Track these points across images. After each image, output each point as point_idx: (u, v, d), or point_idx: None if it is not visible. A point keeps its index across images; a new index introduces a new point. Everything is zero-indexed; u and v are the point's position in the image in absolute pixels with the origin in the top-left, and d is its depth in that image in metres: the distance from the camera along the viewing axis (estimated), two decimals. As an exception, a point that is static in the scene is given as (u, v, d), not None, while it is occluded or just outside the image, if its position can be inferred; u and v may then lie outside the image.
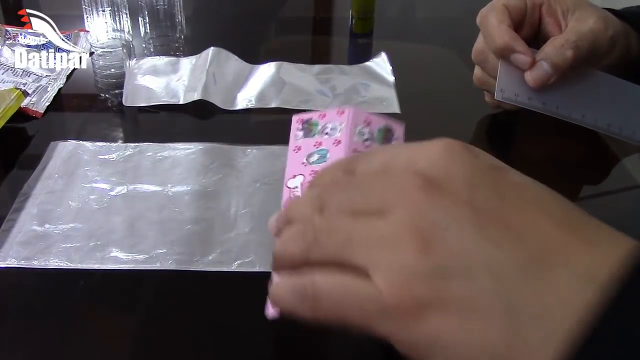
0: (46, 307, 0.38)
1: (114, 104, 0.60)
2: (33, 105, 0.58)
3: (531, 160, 0.55)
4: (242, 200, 0.46)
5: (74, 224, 0.44)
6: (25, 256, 0.41)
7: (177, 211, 0.45)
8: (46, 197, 0.46)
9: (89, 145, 0.52)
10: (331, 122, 0.41)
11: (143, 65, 0.65)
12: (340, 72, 0.66)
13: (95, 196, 0.46)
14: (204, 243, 0.42)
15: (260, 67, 0.65)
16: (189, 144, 0.52)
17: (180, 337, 0.36)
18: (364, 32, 0.76)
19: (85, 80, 0.64)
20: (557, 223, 0.24)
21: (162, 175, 0.49)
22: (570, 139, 0.57)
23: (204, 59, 0.64)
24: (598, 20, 0.48)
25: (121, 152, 0.51)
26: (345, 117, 0.41)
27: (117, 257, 0.41)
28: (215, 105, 0.58)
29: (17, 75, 0.63)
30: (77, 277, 0.40)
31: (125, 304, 0.39)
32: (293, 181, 0.39)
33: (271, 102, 0.60)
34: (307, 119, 0.42)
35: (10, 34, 0.68)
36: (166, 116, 0.59)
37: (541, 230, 0.24)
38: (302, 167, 0.40)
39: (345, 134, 0.39)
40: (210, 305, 0.38)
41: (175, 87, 0.62)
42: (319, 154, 0.40)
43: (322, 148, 0.40)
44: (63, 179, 0.48)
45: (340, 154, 0.39)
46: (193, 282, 0.40)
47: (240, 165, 0.50)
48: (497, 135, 0.59)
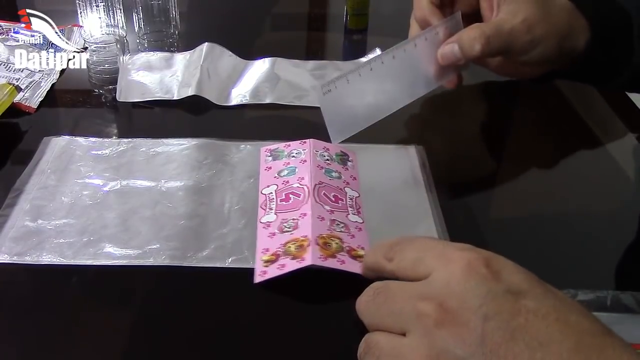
0: (39, 303, 0.38)
1: (107, 99, 0.60)
2: (26, 100, 0.58)
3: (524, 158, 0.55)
4: (235, 196, 0.46)
5: (67, 220, 0.43)
6: (18, 252, 0.41)
7: (171, 207, 0.45)
8: (39, 192, 0.46)
9: (82, 140, 0.52)
10: (295, 149, 0.50)
11: (137, 60, 0.65)
12: (335, 68, 0.66)
13: (88, 192, 0.46)
14: (197, 238, 0.42)
15: (254, 62, 0.65)
16: (183, 139, 0.52)
17: (174, 333, 0.36)
18: (359, 28, 0.76)
19: (78, 75, 0.64)
20: (568, 356, 0.25)
21: (156, 170, 0.49)
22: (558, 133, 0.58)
23: (198, 54, 0.64)
24: (526, 19, 0.48)
25: (114, 148, 0.51)
26: (307, 145, 0.49)
27: (110, 252, 0.41)
28: (209, 101, 0.58)
29: (10, 70, 0.62)
30: (70, 273, 0.40)
31: (118, 301, 0.39)
32: (267, 189, 0.46)
33: (265, 98, 0.60)
34: (274, 148, 0.51)
35: (3, 29, 0.67)
36: (160, 112, 0.58)
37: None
38: (274, 179, 0.47)
39: (309, 156, 0.48)
40: (204, 301, 0.38)
41: (169, 82, 0.61)
42: (288, 169, 0.48)
43: (290, 166, 0.48)
44: (56, 174, 0.48)
45: (307, 169, 0.46)
46: (187, 278, 0.40)
47: (234, 160, 0.50)
48: (491, 129, 0.60)
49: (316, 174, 0.46)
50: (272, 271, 0.38)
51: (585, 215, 0.49)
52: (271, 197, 0.45)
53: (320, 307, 0.38)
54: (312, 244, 0.39)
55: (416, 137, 0.54)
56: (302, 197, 0.44)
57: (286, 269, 0.38)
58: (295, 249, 0.39)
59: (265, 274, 0.39)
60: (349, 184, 0.47)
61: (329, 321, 0.37)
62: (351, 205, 0.45)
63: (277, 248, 0.40)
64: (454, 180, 0.51)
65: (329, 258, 0.38)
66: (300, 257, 0.39)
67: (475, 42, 0.47)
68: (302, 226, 0.41)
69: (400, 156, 0.51)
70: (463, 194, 0.50)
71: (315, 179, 0.46)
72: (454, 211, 0.46)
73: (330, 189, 0.45)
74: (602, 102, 0.63)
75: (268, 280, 0.38)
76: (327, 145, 0.50)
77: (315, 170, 0.47)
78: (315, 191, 0.44)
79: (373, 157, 0.51)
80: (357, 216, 0.44)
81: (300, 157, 0.48)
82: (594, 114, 0.62)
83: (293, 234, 0.41)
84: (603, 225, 0.48)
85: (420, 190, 0.48)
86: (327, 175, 0.47)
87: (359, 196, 0.46)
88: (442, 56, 0.49)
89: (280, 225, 0.42)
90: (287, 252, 0.39)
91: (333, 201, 0.44)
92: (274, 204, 0.45)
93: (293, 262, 0.39)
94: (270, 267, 0.39)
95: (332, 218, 0.42)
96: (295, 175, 0.46)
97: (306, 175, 0.46)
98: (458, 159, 0.54)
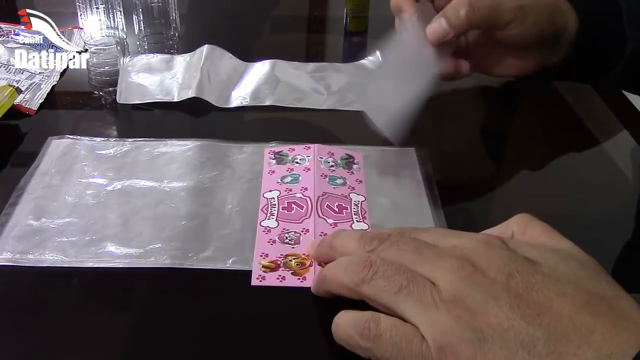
0: (40, 301, 0.38)
1: (107, 101, 0.60)
2: (26, 102, 0.58)
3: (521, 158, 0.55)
4: (237, 197, 0.46)
5: (70, 219, 0.44)
6: (21, 250, 0.41)
7: (173, 207, 0.45)
8: (42, 191, 0.46)
9: (86, 140, 0.52)
10: (299, 154, 0.50)
11: (137, 62, 0.65)
12: (335, 70, 0.66)
13: (91, 191, 0.46)
14: (199, 239, 0.42)
15: (254, 64, 0.65)
16: (186, 140, 0.52)
17: (175, 333, 0.36)
18: (359, 31, 0.76)
19: (79, 77, 0.64)
20: (579, 309, 0.27)
21: (158, 171, 0.49)
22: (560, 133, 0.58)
23: (198, 56, 0.64)
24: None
25: (118, 148, 0.51)
26: (312, 151, 0.50)
27: (112, 251, 0.41)
28: (209, 103, 0.58)
29: (11, 72, 0.62)
30: (71, 272, 0.40)
31: (119, 301, 0.39)
32: (269, 194, 0.46)
33: (265, 100, 0.60)
34: (278, 151, 0.50)
35: (4, 31, 0.68)
36: (160, 114, 0.58)
37: (564, 314, 0.27)
38: (277, 185, 0.47)
39: (312, 163, 0.48)
40: (204, 301, 0.38)
41: (169, 84, 0.62)
42: (292, 176, 0.47)
43: (294, 172, 0.48)
44: (60, 174, 0.48)
45: (311, 179, 0.47)
46: (187, 279, 0.40)
47: (236, 162, 0.50)
48: (491, 131, 0.60)
49: (320, 184, 0.47)
50: (271, 280, 0.39)
51: (584, 216, 0.49)
52: (273, 202, 0.45)
53: (322, 308, 0.38)
54: (314, 265, 0.40)
55: (417, 139, 0.54)
56: (304, 209, 0.44)
57: (286, 282, 0.39)
58: (296, 265, 0.40)
59: (264, 279, 0.39)
60: (355, 189, 0.47)
61: (331, 322, 0.37)
62: (356, 212, 0.45)
63: (277, 257, 0.41)
64: (454, 182, 0.51)
65: None
66: (302, 275, 0.39)
67: (459, 7, 0.47)
68: (304, 242, 0.42)
69: (401, 158, 0.52)
70: (464, 196, 0.50)
71: (319, 189, 0.46)
72: (455, 213, 0.46)
73: (334, 198, 0.46)
74: (601, 103, 0.63)
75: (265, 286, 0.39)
76: (332, 149, 0.50)
77: (319, 181, 0.47)
78: (318, 204, 0.45)
79: (374, 160, 0.51)
80: (361, 223, 0.44)
81: (304, 165, 0.49)
82: (593, 115, 0.62)
83: (295, 248, 0.41)
84: (602, 226, 0.48)
85: (420, 192, 0.48)
86: (332, 184, 0.47)
87: (365, 200, 0.46)
88: (431, 33, 0.48)
89: (281, 235, 0.42)
90: (287, 266, 0.40)
91: (337, 212, 0.44)
92: (276, 209, 0.45)
93: (293, 278, 0.39)
94: (269, 274, 0.39)
95: None
96: (299, 185, 0.47)
97: (309, 186, 0.46)
98: (458, 160, 0.54)
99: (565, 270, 0.30)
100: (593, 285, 0.29)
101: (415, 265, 0.31)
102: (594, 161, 0.56)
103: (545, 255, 0.31)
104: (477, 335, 0.28)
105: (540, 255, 0.31)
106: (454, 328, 0.28)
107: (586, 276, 0.29)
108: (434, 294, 0.30)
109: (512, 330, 0.27)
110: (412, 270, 0.31)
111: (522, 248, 0.32)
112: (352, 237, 0.36)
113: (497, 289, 0.28)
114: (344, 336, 0.32)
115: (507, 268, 0.29)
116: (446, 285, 0.30)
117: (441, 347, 0.28)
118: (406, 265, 0.32)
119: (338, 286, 0.34)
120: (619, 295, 0.28)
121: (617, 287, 0.29)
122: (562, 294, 0.28)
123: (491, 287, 0.29)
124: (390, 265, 0.32)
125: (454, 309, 0.29)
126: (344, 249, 0.36)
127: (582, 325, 0.27)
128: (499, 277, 0.29)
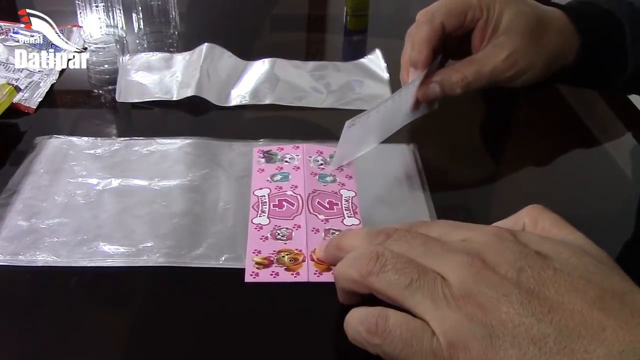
0: (33, 302, 0.38)
1: (107, 100, 0.60)
2: (25, 101, 0.58)
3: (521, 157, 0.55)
4: (228, 194, 0.46)
5: (60, 219, 0.43)
6: (12, 251, 0.41)
7: (165, 205, 0.45)
8: (32, 192, 0.46)
9: (75, 140, 0.52)
10: (288, 153, 0.50)
11: (136, 61, 0.65)
12: (335, 69, 0.66)
13: (81, 191, 0.46)
14: (191, 236, 0.42)
15: (254, 63, 0.65)
16: (175, 138, 0.52)
17: (169, 331, 0.36)
18: (359, 29, 0.76)
19: (78, 76, 0.64)
20: (590, 305, 0.27)
21: (150, 169, 0.49)
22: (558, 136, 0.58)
23: (198, 55, 0.64)
24: (511, 55, 0.48)
25: (107, 147, 0.51)
26: (300, 150, 0.50)
27: (105, 251, 0.41)
28: (209, 102, 0.58)
29: (10, 71, 0.62)
30: (63, 272, 0.39)
31: (112, 300, 0.38)
32: (260, 191, 0.46)
33: (265, 99, 0.60)
34: (267, 150, 0.51)
35: (3, 29, 0.67)
36: (160, 112, 0.58)
37: (576, 311, 0.27)
38: (267, 183, 0.47)
39: (302, 162, 0.49)
40: (197, 299, 0.38)
41: (168, 83, 0.61)
42: (282, 175, 0.48)
43: (283, 171, 0.48)
44: (49, 174, 0.48)
45: (301, 177, 0.47)
46: (180, 276, 0.39)
47: (227, 159, 0.50)
48: (488, 129, 0.60)
49: (310, 182, 0.47)
50: (265, 276, 0.39)
51: (584, 216, 0.49)
52: (264, 200, 0.45)
53: (317, 305, 0.38)
54: (307, 259, 0.40)
55: (411, 136, 0.54)
56: (295, 206, 0.45)
57: (279, 278, 0.39)
58: (289, 261, 0.40)
59: (258, 276, 0.39)
60: (345, 185, 0.47)
61: (326, 320, 0.37)
62: (347, 207, 0.45)
63: (270, 254, 0.41)
64: (448, 179, 0.51)
65: (324, 272, 0.39)
66: (295, 271, 0.39)
67: (456, 86, 0.49)
68: (296, 238, 0.42)
69: (395, 154, 0.52)
70: (458, 194, 0.50)
71: (309, 187, 0.46)
72: (448, 211, 0.46)
73: (325, 195, 0.46)
74: (602, 102, 0.63)
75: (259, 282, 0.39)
76: (321, 147, 0.51)
77: (309, 179, 0.47)
78: (309, 201, 0.45)
79: (367, 156, 0.51)
80: (353, 218, 0.44)
81: (294, 164, 0.49)
82: (593, 114, 0.62)
83: (287, 244, 0.41)
84: (602, 226, 0.48)
85: (414, 188, 0.48)
86: (322, 182, 0.47)
87: (356, 195, 0.46)
88: (423, 95, 0.50)
89: (273, 232, 0.42)
90: (280, 262, 0.40)
91: (328, 208, 0.45)
92: (267, 207, 0.45)
93: (287, 273, 0.39)
94: (262, 270, 0.39)
95: (326, 228, 0.43)
96: (289, 183, 0.47)
97: (300, 184, 0.47)
98: (453, 158, 0.54)
99: (577, 264, 0.29)
100: (605, 280, 0.28)
101: (424, 260, 0.31)
102: (594, 161, 0.56)
103: (557, 249, 0.30)
104: (489, 331, 0.28)
105: (551, 249, 0.30)
106: (465, 324, 0.28)
107: (598, 271, 0.29)
108: (445, 289, 0.29)
109: (523, 327, 0.27)
110: (422, 264, 0.31)
111: (533, 241, 0.31)
112: (358, 235, 0.36)
113: (507, 285, 0.28)
114: (353, 333, 0.32)
115: (517, 263, 0.29)
116: (456, 280, 0.29)
117: (453, 343, 0.28)
118: (415, 259, 0.31)
119: (347, 282, 0.33)
120: (631, 291, 0.28)
121: (629, 282, 0.29)
122: (574, 289, 0.28)
123: (502, 283, 0.28)
124: (400, 258, 0.31)
125: (465, 305, 0.28)
126: (351, 247, 0.35)
127: (593, 322, 0.26)
128: (510, 272, 0.29)
